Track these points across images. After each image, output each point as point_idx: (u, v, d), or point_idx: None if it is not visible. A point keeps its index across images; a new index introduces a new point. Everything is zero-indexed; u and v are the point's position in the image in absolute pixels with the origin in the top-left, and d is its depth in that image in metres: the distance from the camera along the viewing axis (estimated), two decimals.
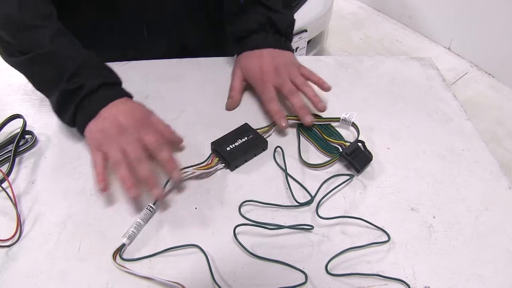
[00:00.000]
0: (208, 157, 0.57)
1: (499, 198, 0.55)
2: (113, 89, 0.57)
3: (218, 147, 0.57)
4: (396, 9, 2.58)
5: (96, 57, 0.58)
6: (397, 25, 2.58)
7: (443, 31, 2.35)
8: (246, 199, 0.52)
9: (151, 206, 0.50)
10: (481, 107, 1.97)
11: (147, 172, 0.50)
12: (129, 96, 0.58)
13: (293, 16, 0.71)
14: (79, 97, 0.53)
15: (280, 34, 0.68)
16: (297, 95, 0.62)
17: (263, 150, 0.59)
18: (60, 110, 0.56)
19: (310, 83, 0.64)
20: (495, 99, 2.04)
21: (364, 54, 2.32)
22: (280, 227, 0.49)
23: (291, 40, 0.72)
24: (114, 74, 0.59)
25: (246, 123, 0.61)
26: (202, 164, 0.55)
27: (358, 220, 0.51)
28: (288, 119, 0.62)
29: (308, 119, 0.60)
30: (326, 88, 0.64)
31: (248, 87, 0.69)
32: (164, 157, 0.51)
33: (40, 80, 0.57)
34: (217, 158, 0.57)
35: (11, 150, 0.55)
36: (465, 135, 0.63)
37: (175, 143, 0.58)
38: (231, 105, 0.66)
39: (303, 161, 0.57)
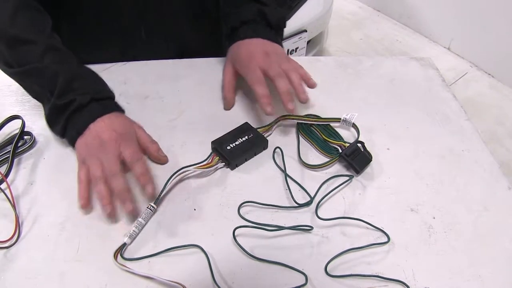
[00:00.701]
0: (209, 156, 0.57)
1: (499, 199, 0.55)
2: (103, 104, 0.56)
3: (219, 146, 0.57)
4: (396, 9, 2.58)
5: (89, 71, 0.58)
6: (397, 25, 2.58)
7: (443, 31, 2.35)
8: (245, 200, 0.52)
9: (152, 205, 0.50)
10: (481, 107, 1.97)
11: (120, 187, 0.50)
12: (120, 110, 0.58)
13: (285, 13, 0.71)
14: (69, 112, 0.54)
15: (271, 27, 0.68)
16: (284, 78, 0.60)
17: (264, 149, 0.59)
18: (51, 122, 0.56)
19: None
20: (495, 99, 2.04)
21: (364, 54, 2.32)
22: (279, 228, 0.49)
23: (281, 36, 0.71)
24: (106, 88, 0.59)
25: (246, 122, 0.61)
26: (203, 163, 0.55)
27: (358, 221, 0.51)
28: (288, 118, 0.62)
29: (290, 106, 0.58)
30: (312, 84, 0.62)
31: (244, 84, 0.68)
32: (137, 171, 0.52)
33: (32, 92, 0.58)
34: (218, 157, 0.56)
35: (9, 151, 0.55)
36: (464, 135, 0.63)
37: (160, 161, 0.57)
38: (227, 105, 0.66)
39: (303, 162, 0.57)
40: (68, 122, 0.55)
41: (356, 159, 0.56)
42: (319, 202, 0.52)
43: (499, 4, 1.96)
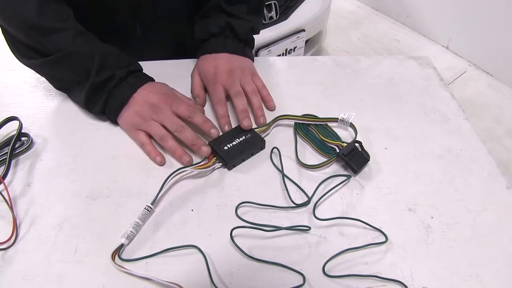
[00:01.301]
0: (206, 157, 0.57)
1: (497, 198, 0.55)
2: (138, 75, 0.61)
3: (216, 146, 0.57)
4: (394, 8, 2.58)
5: (116, 49, 0.61)
6: (395, 24, 2.58)
7: (441, 30, 2.35)
8: (242, 201, 0.52)
9: (149, 206, 0.50)
10: (480, 106, 1.97)
11: (192, 135, 0.56)
12: (152, 80, 0.63)
13: (259, 21, 0.72)
14: (110, 87, 0.58)
15: (239, 40, 0.69)
16: (242, 97, 0.63)
17: (261, 149, 0.59)
18: (89, 102, 0.60)
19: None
20: (493, 97, 2.04)
21: (363, 54, 2.32)
22: (277, 228, 0.49)
23: (252, 47, 0.73)
24: (136, 61, 0.63)
25: None
26: (200, 164, 0.55)
27: (356, 221, 0.51)
28: (286, 118, 0.62)
29: (245, 123, 0.60)
30: (270, 107, 0.66)
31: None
32: (199, 120, 0.58)
33: (63, 79, 0.61)
34: (215, 158, 0.56)
35: (7, 152, 0.55)
36: (462, 134, 0.63)
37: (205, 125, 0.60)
38: (201, 104, 0.66)
39: (300, 162, 0.57)
40: (109, 96, 0.59)
41: (354, 159, 0.56)
42: (316, 202, 0.52)
43: (498, 3, 1.96)
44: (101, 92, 0.58)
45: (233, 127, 0.61)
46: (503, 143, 1.81)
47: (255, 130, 0.60)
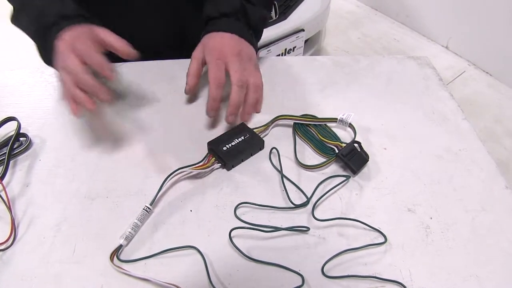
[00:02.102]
0: (205, 157, 0.56)
1: (496, 198, 0.55)
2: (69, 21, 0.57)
3: (215, 146, 0.56)
4: (393, 7, 2.58)
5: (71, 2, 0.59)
6: (394, 23, 2.58)
7: (440, 30, 2.35)
8: (241, 201, 0.52)
9: (147, 207, 0.50)
10: (479, 106, 1.97)
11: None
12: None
13: (268, 14, 0.70)
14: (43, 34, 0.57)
15: (249, 26, 0.66)
16: (242, 91, 0.59)
17: (260, 150, 0.59)
18: (38, 52, 0.62)
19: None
20: (493, 97, 2.04)
21: (362, 53, 2.33)
22: (276, 229, 0.49)
23: (258, 39, 0.70)
24: (76, 6, 0.59)
25: (242, 123, 0.61)
26: (199, 164, 0.55)
27: (355, 222, 0.51)
28: (284, 118, 0.62)
29: (230, 119, 0.59)
30: (257, 110, 0.63)
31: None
32: (96, 60, 0.52)
33: (27, 31, 0.61)
34: (214, 158, 0.56)
35: (5, 153, 0.55)
36: (461, 134, 0.63)
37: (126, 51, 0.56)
38: (188, 92, 0.64)
39: (299, 162, 0.57)
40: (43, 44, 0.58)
41: (353, 159, 0.56)
42: (315, 203, 0.52)
43: (497, 2, 1.96)
44: (39, 41, 0.59)
45: (231, 128, 0.61)
46: (503, 142, 1.81)
47: (254, 129, 0.60)
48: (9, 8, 0.61)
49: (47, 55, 0.57)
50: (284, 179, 0.55)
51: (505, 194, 0.55)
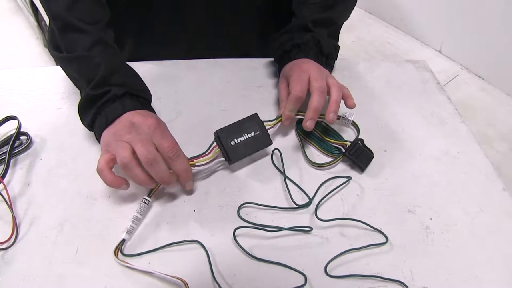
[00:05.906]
0: (210, 145, 0.55)
1: (494, 200, 0.56)
2: (138, 100, 0.55)
3: (223, 139, 0.54)
4: (387, 11, 2.60)
5: (131, 70, 0.58)
6: (388, 27, 2.60)
7: (434, 34, 2.38)
8: (244, 201, 0.52)
9: (146, 199, 0.50)
10: (472, 109, 2.00)
11: (165, 171, 0.48)
12: (152, 111, 0.56)
13: (337, 44, 0.71)
14: (101, 102, 0.52)
15: (322, 54, 0.66)
16: (322, 95, 0.58)
17: (267, 146, 0.57)
18: (81, 113, 0.55)
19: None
20: (485, 101, 2.07)
21: (356, 57, 2.34)
22: (279, 229, 0.49)
23: (331, 67, 0.71)
24: (144, 87, 0.58)
25: (255, 113, 0.57)
26: (202, 154, 0.54)
27: (356, 222, 0.51)
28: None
29: (309, 125, 0.57)
30: (350, 104, 0.61)
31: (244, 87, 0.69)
32: (181, 166, 0.50)
33: (73, 79, 0.59)
34: (218, 149, 0.54)
35: (6, 152, 0.55)
36: (460, 137, 0.64)
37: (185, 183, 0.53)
38: (286, 122, 0.61)
39: (309, 160, 0.58)
40: (98, 112, 0.52)
41: (360, 157, 0.57)
42: (318, 203, 0.53)
43: (490, 7, 1.98)
44: (92, 105, 0.53)
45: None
46: (495, 146, 1.84)
47: (265, 123, 0.58)
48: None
49: (86, 112, 0.54)
50: (287, 180, 0.55)
51: (503, 196, 0.56)
